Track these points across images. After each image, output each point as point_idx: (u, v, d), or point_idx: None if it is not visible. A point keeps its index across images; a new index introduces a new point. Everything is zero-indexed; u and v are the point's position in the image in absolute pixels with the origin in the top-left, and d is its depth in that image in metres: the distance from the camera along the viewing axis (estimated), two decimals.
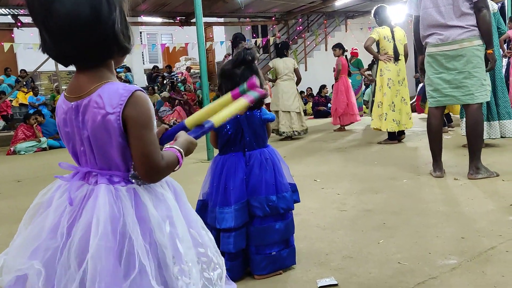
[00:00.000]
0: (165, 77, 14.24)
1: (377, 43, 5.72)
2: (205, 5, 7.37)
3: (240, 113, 1.63)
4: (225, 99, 1.32)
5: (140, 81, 14.51)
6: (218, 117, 1.26)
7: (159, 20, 11.99)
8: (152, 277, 1.03)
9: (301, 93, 10.98)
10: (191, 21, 11.16)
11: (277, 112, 6.74)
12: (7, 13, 10.08)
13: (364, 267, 2.08)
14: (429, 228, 2.53)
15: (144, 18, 11.53)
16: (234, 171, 2.02)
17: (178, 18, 11.69)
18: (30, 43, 9.34)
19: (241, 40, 6.52)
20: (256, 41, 12.31)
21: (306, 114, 11.35)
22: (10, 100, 11.43)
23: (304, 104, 10.76)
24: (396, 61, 5.68)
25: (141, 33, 16.39)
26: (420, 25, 3.69)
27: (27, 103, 11.46)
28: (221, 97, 1.35)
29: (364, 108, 10.49)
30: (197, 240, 1.20)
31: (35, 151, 7.93)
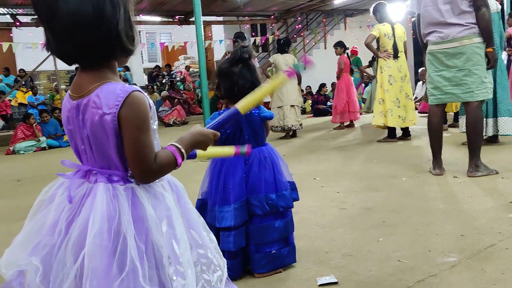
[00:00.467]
0: (165, 76, 14.23)
1: (377, 40, 5.70)
2: (204, 4, 7.37)
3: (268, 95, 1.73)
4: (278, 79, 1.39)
5: (139, 80, 14.49)
6: (244, 102, 1.30)
7: (158, 19, 11.98)
8: (144, 277, 1.03)
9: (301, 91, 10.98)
10: (190, 20, 11.15)
11: (281, 108, 6.76)
12: (6, 12, 10.06)
13: (364, 265, 2.08)
14: (429, 226, 2.53)
15: (143, 17, 11.51)
16: (233, 169, 2.02)
17: (177, 17, 11.68)
18: (29, 42, 9.33)
19: (243, 39, 6.54)
20: (255, 39, 12.29)
21: (305, 112, 11.35)
22: (9, 100, 11.42)
23: (303, 102, 10.76)
24: (396, 58, 5.67)
25: (140, 32, 16.37)
26: (421, 23, 3.69)
27: (26, 103, 11.45)
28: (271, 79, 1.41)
29: (362, 106, 10.48)
30: (197, 241, 1.19)
31: (34, 151, 7.91)
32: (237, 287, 1.44)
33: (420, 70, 8.13)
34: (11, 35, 11.52)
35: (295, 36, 14.14)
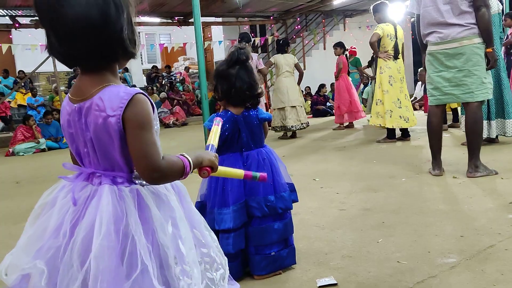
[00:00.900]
0: (164, 77, 14.22)
1: (378, 40, 5.69)
2: (203, 5, 7.38)
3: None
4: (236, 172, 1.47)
5: (138, 81, 14.48)
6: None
7: (157, 20, 11.98)
8: (154, 276, 1.04)
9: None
10: (189, 21, 11.15)
11: (282, 109, 6.77)
12: (5, 14, 10.06)
13: (364, 266, 2.08)
14: (428, 226, 2.53)
15: (142, 18, 11.51)
16: None
17: (176, 18, 11.68)
18: (28, 44, 9.32)
19: (248, 40, 6.56)
20: (255, 40, 12.30)
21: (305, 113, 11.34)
22: (8, 101, 11.40)
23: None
24: (396, 59, 5.68)
25: (139, 33, 16.33)
26: (420, 23, 3.69)
27: (26, 104, 11.44)
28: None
29: (362, 106, 10.48)
30: (200, 240, 1.21)
31: (34, 152, 7.92)
32: (238, 284, 1.45)
33: (419, 70, 8.14)
34: (10, 36, 11.53)
35: (294, 36, 14.14)
